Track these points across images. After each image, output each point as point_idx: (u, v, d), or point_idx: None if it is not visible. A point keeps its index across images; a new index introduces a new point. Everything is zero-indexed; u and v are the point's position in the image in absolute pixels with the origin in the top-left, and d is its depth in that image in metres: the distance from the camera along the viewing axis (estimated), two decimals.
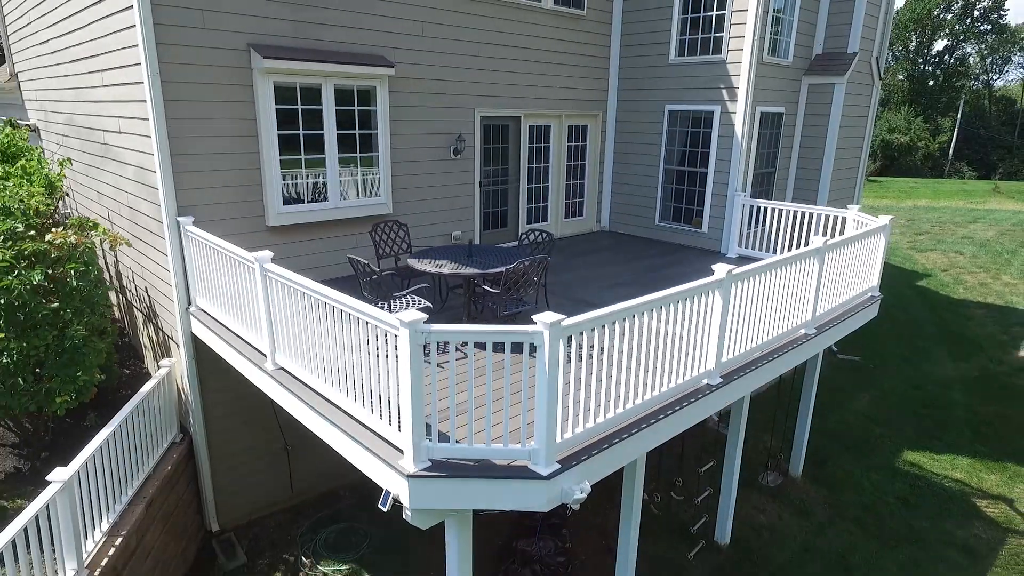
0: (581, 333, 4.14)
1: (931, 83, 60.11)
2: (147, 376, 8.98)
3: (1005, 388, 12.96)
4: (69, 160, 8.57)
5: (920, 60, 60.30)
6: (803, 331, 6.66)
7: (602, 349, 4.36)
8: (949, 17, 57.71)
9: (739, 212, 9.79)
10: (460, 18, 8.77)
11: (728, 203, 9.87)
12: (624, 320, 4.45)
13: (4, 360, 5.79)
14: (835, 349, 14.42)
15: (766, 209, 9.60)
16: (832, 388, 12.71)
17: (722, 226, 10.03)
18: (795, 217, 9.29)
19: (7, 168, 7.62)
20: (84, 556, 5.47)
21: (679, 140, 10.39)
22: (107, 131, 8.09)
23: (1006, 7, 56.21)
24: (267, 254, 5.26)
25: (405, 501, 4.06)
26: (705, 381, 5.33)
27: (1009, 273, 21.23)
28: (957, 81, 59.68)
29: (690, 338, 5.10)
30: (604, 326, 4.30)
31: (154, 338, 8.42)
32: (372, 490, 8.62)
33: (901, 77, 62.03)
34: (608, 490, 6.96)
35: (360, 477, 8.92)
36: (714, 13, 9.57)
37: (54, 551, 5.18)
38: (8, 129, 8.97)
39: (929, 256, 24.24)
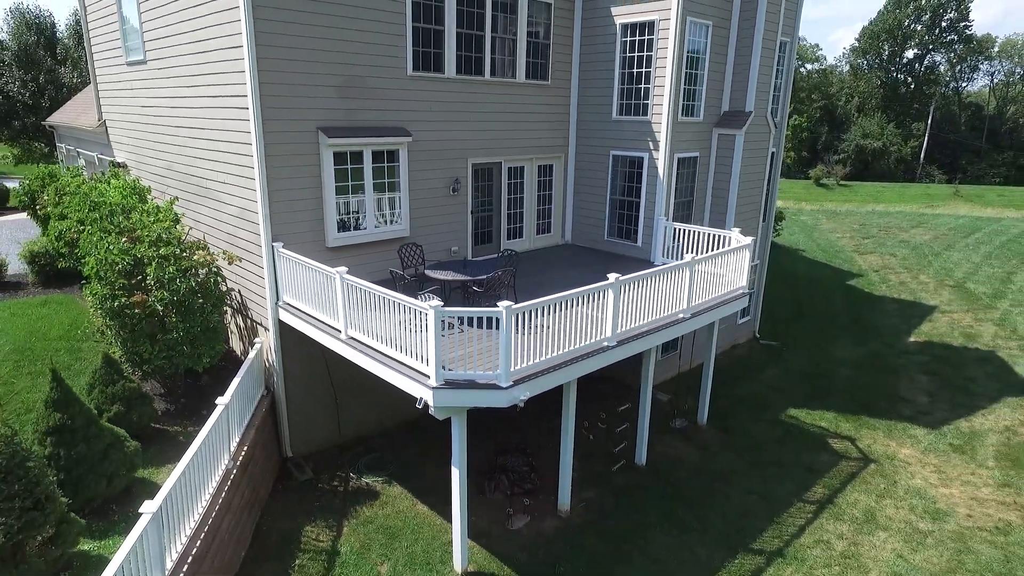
0: (525, 313, 7.89)
1: (903, 90, 64.13)
2: (233, 354, 12.71)
3: (885, 365, 16.82)
4: (176, 199, 12.23)
5: (892, 68, 64.30)
6: (681, 315, 10.44)
7: (541, 324, 8.12)
8: (918, 28, 61.71)
9: (662, 231, 13.57)
10: (457, 95, 12.51)
11: (655, 225, 13.65)
12: (550, 306, 8.21)
13: (175, 335, 9.50)
14: (758, 336, 18.25)
15: (681, 229, 13.38)
16: (749, 365, 16.55)
17: (651, 241, 13.81)
18: (700, 235, 13.07)
19: (143, 207, 11.29)
20: (231, 452, 9.19)
21: (620, 177, 14.17)
22: (209, 179, 11.81)
23: (971, 19, 60.21)
24: (343, 268, 8.99)
25: (431, 402, 7.81)
26: (605, 343, 9.10)
27: (927, 273, 25.15)
28: (928, 88, 63.73)
29: (595, 317, 8.87)
30: (538, 309, 8.06)
31: (242, 325, 12.13)
32: (394, 437, 12.28)
33: (877, 83, 66.12)
34: (555, 439, 10.66)
35: (385, 428, 12.57)
36: (642, 86, 13.34)
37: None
38: (121, 173, 12.61)
39: (867, 258, 28.13)
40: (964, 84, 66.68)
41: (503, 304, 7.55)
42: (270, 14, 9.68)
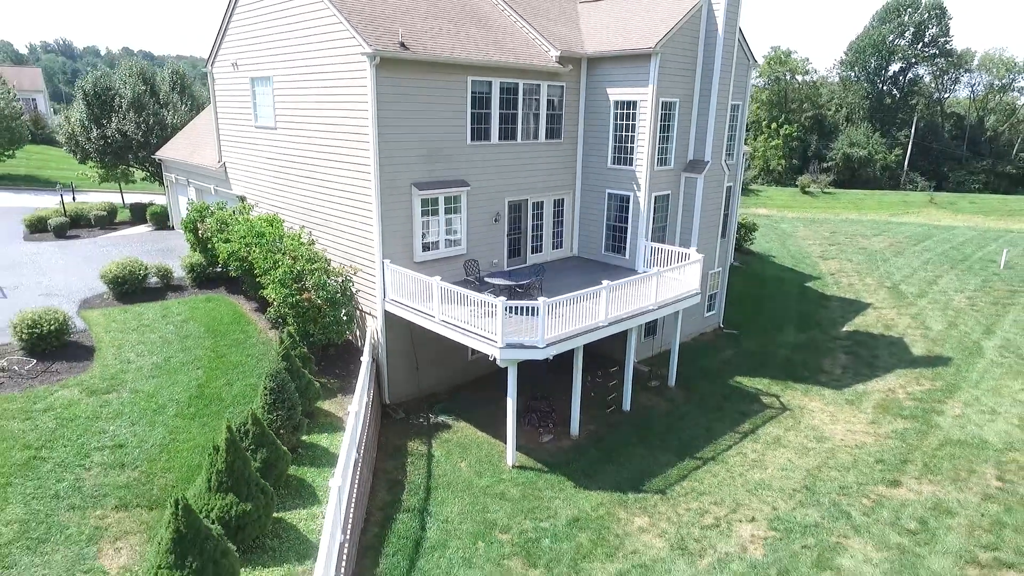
0: (554, 304, 13.90)
1: (888, 101, 70.04)
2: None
3: (817, 348, 22.81)
4: (304, 227, 18.20)
5: (878, 80, 70.21)
6: (650, 307, 16.46)
7: (561, 314, 14.14)
8: (902, 43, 67.62)
9: (643, 249, 19.59)
10: (498, 155, 18.52)
11: (638, 244, 19.66)
12: (567, 300, 14.23)
13: (328, 319, 15.50)
14: (722, 326, 24.25)
15: (656, 247, 19.38)
16: (711, 347, 22.55)
17: (635, 255, 19.82)
18: (669, 252, 19.06)
19: (287, 234, 17.24)
20: (365, 392, 15.18)
21: (613, 209, 20.17)
22: (331, 214, 17.82)
23: (951, 34, 66.10)
24: (438, 277, 14.97)
25: (498, 357, 13.81)
26: (600, 324, 15.11)
27: (872, 277, 31.13)
28: (912, 99, 69.64)
29: (594, 307, 14.88)
30: (560, 302, 14.08)
31: (353, 315, 18.13)
32: (455, 392, 18.37)
33: (864, 95, 71.97)
34: (568, 392, 16.62)
35: (450, 386, 18.71)
36: (629, 144, 19.34)
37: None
38: (246, 206, 18.54)
39: (828, 263, 34.08)
40: (946, 95, 72.57)
41: (541, 299, 13.56)
42: (387, 112, 15.70)
